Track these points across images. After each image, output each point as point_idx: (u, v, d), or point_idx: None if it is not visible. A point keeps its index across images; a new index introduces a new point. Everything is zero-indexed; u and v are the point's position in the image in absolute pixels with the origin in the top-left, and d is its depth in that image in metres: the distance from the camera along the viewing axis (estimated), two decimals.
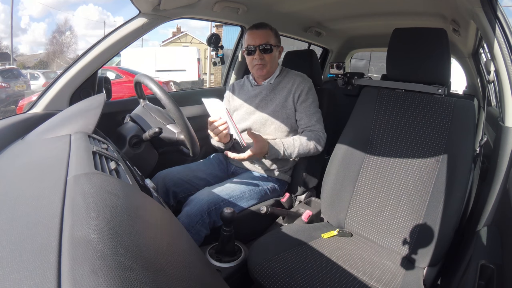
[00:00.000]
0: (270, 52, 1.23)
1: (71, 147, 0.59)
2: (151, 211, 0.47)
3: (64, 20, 27.80)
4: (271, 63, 1.25)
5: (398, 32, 1.05)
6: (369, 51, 4.50)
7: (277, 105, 1.24)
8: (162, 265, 0.33)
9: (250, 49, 1.23)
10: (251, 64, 1.26)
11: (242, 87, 1.37)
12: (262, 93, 1.29)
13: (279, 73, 1.30)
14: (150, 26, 1.18)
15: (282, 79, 1.29)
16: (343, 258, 0.93)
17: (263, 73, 1.26)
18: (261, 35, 1.21)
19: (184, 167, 1.27)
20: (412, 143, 1.02)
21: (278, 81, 1.29)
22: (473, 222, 0.86)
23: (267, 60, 1.23)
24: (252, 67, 1.27)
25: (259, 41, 1.21)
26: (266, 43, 1.21)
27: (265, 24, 1.25)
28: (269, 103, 1.26)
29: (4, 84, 7.25)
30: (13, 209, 0.37)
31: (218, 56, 1.65)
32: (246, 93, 1.34)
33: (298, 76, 1.27)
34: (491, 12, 0.85)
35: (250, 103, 1.31)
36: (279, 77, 1.29)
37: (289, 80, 1.27)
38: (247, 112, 1.31)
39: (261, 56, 1.22)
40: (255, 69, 1.26)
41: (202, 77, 10.58)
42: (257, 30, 1.23)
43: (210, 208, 1.04)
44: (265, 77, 1.29)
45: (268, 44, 1.21)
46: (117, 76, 6.92)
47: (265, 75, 1.28)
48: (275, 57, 1.27)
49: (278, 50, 1.28)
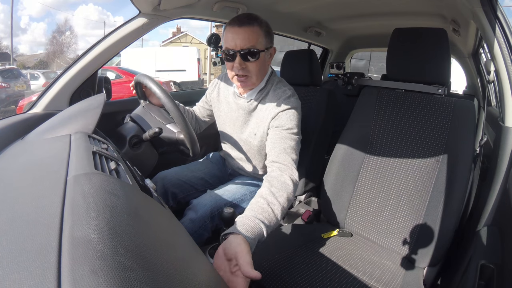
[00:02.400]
0: (256, 59, 0.92)
1: (71, 147, 0.59)
2: (151, 211, 0.47)
3: (64, 20, 27.83)
4: (258, 74, 0.96)
5: (398, 32, 1.05)
6: (369, 51, 4.50)
7: (250, 132, 1.06)
8: (162, 265, 0.33)
9: (228, 54, 0.93)
10: (230, 73, 0.98)
11: (227, 89, 1.15)
12: (239, 111, 1.08)
13: (264, 85, 1.02)
14: (150, 26, 1.18)
15: (263, 97, 1.02)
16: (343, 258, 0.93)
17: (246, 86, 1.00)
18: (245, 35, 0.90)
19: (182, 168, 1.27)
20: (412, 143, 1.02)
21: (258, 99, 1.03)
22: (473, 222, 0.86)
23: (251, 69, 0.94)
24: (231, 77, 0.99)
25: (242, 43, 0.90)
26: (251, 46, 0.90)
27: (252, 17, 0.92)
28: (244, 127, 1.08)
29: (4, 84, 7.25)
30: (13, 209, 0.37)
31: (218, 56, 1.65)
32: (227, 100, 1.13)
33: (281, 98, 0.99)
34: (491, 12, 0.85)
35: (228, 114, 1.13)
36: (261, 93, 1.02)
37: (268, 102, 1.00)
38: (223, 123, 1.17)
39: (242, 65, 0.92)
40: (235, 80, 0.97)
41: (202, 77, 10.57)
42: (240, 27, 0.90)
43: (213, 213, 1.03)
44: (250, 88, 1.04)
45: (253, 48, 0.90)
46: (117, 76, 6.93)
47: (250, 87, 1.02)
48: (263, 64, 0.97)
49: (268, 53, 0.97)
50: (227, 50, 0.93)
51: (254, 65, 0.94)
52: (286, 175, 0.84)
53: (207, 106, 1.26)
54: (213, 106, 1.21)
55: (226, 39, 0.93)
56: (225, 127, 1.18)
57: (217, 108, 1.19)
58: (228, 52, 0.93)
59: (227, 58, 0.95)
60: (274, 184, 0.81)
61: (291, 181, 0.84)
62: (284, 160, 0.89)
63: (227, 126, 1.16)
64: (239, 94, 1.07)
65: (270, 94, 1.02)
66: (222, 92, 1.17)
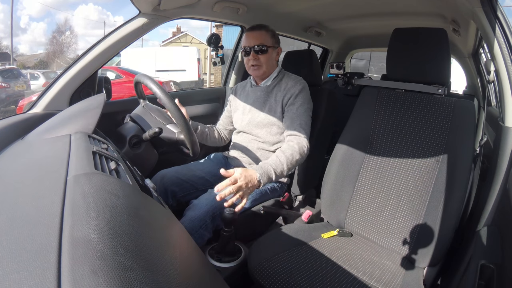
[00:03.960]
0: (265, 53, 1.24)
1: (71, 147, 0.59)
2: (151, 211, 0.47)
3: (64, 20, 27.80)
4: (267, 64, 1.26)
5: (398, 32, 1.05)
6: (369, 51, 4.50)
7: (269, 109, 1.25)
8: (162, 265, 0.33)
9: (246, 51, 1.25)
10: (247, 65, 1.28)
11: (244, 88, 1.40)
12: (257, 94, 1.30)
13: (277, 75, 1.31)
14: (150, 26, 1.18)
15: (278, 82, 1.29)
16: (343, 258, 0.93)
17: (260, 74, 1.28)
18: (256, 37, 1.23)
19: (183, 167, 1.27)
20: (412, 143, 1.02)
21: (274, 83, 1.29)
22: (473, 222, 0.86)
23: (262, 61, 1.24)
24: (248, 68, 1.29)
25: (254, 42, 1.22)
26: (260, 44, 1.22)
27: (261, 25, 1.27)
28: (263, 107, 1.27)
29: (4, 84, 7.24)
30: (13, 209, 0.37)
31: (218, 56, 1.66)
32: (246, 94, 1.36)
33: (291, 80, 1.26)
34: (491, 12, 0.85)
35: (246, 103, 1.33)
36: (276, 79, 1.30)
37: (283, 84, 1.26)
38: (243, 112, 1.33)
39: (255, 57, 1.23)
40: (251, 70, 1.28)
41: (202, 77, 10.57)
42: (252, 31, 1.25)
43: (214, 213, 1.03)
44: (262, 77, 1.30)
45: (262, 45, 1.22)
46: (117, 76, 6.92)
47: (261, 75, 1.29)
48: (271, 58, 1.27)
49: (275, 51, 1.28)
50: (245, 48, 1.25)
51: (264, 57, 1.24)
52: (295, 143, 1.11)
53: (228, 114, 1.43)
54: (232, 105, 1.41)
55: (243, 41, 1.27)
56: (240, 116, 1.34)
57: (235, 105, 1.39)
58: (245, 50, 1.25)
59: (245, 54, 1.26)
60: (284, 147, 1.10)
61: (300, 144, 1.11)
62: (299, 133, 1.14)
63: (243, 114, 1.33)
64: (256, 84, 1.34)
65: (284, 79, 1.28)
66: (239, 91, 1.41)
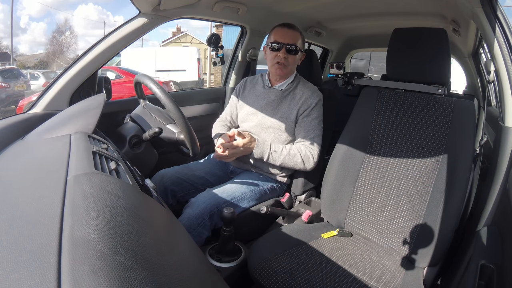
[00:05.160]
0: (295, 54, 1.20)
1: (71, 147, 0.59)
2: (151, 211, 0.47)
3: (63, 19, 27.80)
4: (292, 66, 1.22)
5: (398, 32, 1.05)
6: (369, 51, 4.50)
7: (282, 115, 1.21)
8: (162, 265, 0.33)
9: (275, 46, 1.18)
10: (273, 61, 1.21)
11: (254, 85, 1.35)
12: (270, 97, 1.25)
13: (293, 80, 1.27)
14: (150, 26, 1.18)
15: (294, 87, 1.25)
16: (343, 258, 0.93)
17: (283, 73, 1.22)
18: (291, 35, 1.18)
19: (183, 167, 1.27)
20: (412, 143, 1.02)
21: (290, 88, 1.25)
22: (473, 222, 0.86)
23: (290, 61, 1.20)
24: (272, 65, 1.22)
25: (288, 40, 1.17)
26: (294, 43, 1.18)
27: (294, 26, 1.22)
28: (275, 111, 1.23)
29: (4, 84, 7.24)
30: (13, 209, 0.37)
31: (218, 56, 1.65)
32: (256, 93, 1.31)
33: (308, 89, 1.23)
34: (491, 12, 0.85)
35: (256, 103, 1.28)
36: (291, 85, 1.26)
37: (299, 92, 1.23)
38: (251, 112, 1.28)
39: (285, 55, 1.18)
40: (275, 68, 1.21)
41: (202, 77, 10.57)
42: (288, 29, 1.19)
43: (212, 211, 1.03)
44: (281, 78, 1.25)
45: (295, 45, 1.18)
46: (117, 76, 6.92)
47: (283, 76, 1.24)
48: (297, 62, 1.24)
49: (300, 56, 1.24)
50: (275, 43, 1.18)
51: (293, 58, 1.21)
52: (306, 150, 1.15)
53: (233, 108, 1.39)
54: (239, 100, 1.36)
55: (274, 35, 1.20)
56: (249, 116, 1.29)
57: (241, 103, 1.34)
58: (275, 45, 1.18)
59: (272, 49, 1.19)
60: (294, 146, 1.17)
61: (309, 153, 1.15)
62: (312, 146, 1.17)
63: (250, 111, 1.29)
64: (270, 86, 1.29)
65: (299, 87, 1.25)
66: (248, 88, 1.36)
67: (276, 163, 1.15)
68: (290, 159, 1.14)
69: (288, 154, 1.14)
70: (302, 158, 1.14)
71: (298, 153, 1.14)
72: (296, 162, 1.14)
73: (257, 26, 1.70)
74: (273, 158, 1.13)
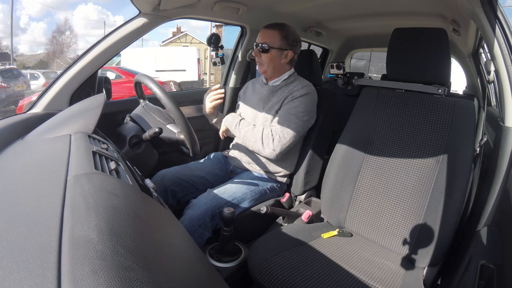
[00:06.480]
0: (266, 53, 1.20)
1: (71, 147, 0.59)
2: (151, 211, 0.47)
3: (63, 19, 27.79)
4: (269, 64, 1.22)
5: (398, 32, 1.05)
6: (369, 51, 4.50)
7: (269, 108, 1.22)
8: (162, 265, 0.33)
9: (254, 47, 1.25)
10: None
11: (254, 85, 1.39)
12: (263, 93, 1.28)
13: (287, 77, 1.27)
14: (150, 26, 1.18)
15: (287, 84, 1.25)
16: (343, 258, 0.93)
17: (262, 71, 1.27)
18: (266, 34, 1.21)
19: (183, 167, 1.27)
20: (412, 143, 1.02)
21: (282, 85, 1.26)
22: (473, 222, 0.86)
23: (263, 60, 1.22)
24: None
25: (261, 39, 1.21)
26: (264, 42, 1.19)
27: (276, 24, 1.22)
28: (264, 105, 1.25)
29: (4, 84, 7.24)
30: (13, 209, 0.37)
31: (218, 56, 1.65)
32: (254, 91, 1.35)
33: (300, 84, 1.23)
34: (491, 12, 0.85)
35: (251, 100, 1.31)
36: (285, 81, 1.26)
37: (291, 86, 1.24)
38: (244, 108, 1.32)
39: (257, 54, 1.23)
40: (258, 66, 1.28)
41: (202, 77, 10.56)
42: (265, 28, 1.23)
43: (213, 211, 1.04)
44: (269, 76, 1.28)
45: (265, 43, 1.19)
46: (117, 76, 6.91)
47: (267, 74, 1.27)
48: (274, 59, 1.22)
49: (282, 53, 1.21)
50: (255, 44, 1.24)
51: (265, 57, 1.22)
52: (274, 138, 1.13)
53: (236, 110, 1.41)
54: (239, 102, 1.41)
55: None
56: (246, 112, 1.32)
57: (242, 99, 1.39)
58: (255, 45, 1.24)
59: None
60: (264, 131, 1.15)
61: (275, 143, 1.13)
62: (280, 132, 1.14)
63: (246, 109, 1.32)
64: (265, 82, 1.32)
65: (294, 82, 1.26)
66: (249, 87, 1.40)
67: (241, 133, 1.19)
68: (252, 134, 1.16)
69: (252, 129, 1.17)
70: (262, 137, 1.13)
71: (261, 132, 1.14)
72: (256, 139, 1.14)
73: (257, 26, 1.69)
74: (239, 128, 1.19)
